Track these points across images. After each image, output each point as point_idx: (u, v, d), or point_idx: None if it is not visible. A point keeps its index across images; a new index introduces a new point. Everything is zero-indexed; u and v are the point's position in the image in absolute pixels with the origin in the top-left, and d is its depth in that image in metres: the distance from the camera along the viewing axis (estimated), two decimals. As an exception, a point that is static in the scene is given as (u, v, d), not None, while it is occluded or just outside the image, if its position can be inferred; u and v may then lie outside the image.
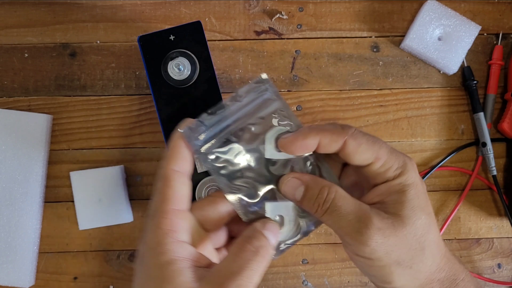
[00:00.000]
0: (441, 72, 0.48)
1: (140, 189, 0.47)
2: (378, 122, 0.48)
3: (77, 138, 0.47)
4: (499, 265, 0.48)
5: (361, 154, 0.31)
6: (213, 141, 0.31)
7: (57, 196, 0.47)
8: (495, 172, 0.47)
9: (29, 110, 0.47)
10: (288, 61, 0.48)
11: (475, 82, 0.47)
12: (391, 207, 0.30)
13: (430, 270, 0.31)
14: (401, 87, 0.48)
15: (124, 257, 0.47)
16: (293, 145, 0.31)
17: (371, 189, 0.32)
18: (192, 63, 0.38)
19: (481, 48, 0.49)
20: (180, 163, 0.30)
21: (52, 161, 0.47)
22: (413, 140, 0.48)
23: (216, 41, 0.48)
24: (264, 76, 0.33)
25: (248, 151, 0.32)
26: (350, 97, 0.48)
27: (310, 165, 0.33)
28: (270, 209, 0.32)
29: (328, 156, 0.33)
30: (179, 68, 0.37)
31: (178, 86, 0.38)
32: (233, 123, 0.32)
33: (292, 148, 0.31)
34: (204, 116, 0.31)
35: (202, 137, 0.31)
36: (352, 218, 0.30)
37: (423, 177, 0.47)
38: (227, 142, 0.32)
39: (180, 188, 0.30)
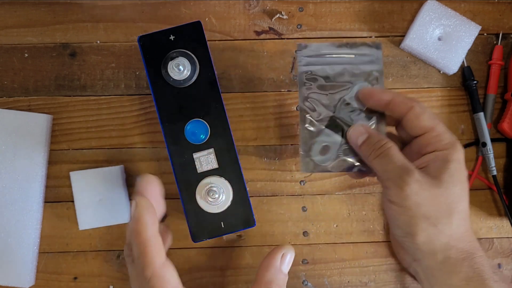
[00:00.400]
0: (441, 72, 0.48)
1: (140, 189, 0.47)
2: (378, 122, 0.48)
3: (77, 138, 0.47)
4: (499, 265, 0.48)
5: (422, 120, 0.35)
6: (313, 62, 0.39)
7: (57, 196, 0.47)
8: (495, 172, 0.47)
9: (29, 110, 0.47)
10: (288, 61, 0.48)
11: (475, 82, 0.47)
12: (434, 171, 0.34)
13: (452, 236, 0.34)
14: (401, 87, 0.48)
15: (124, 257, 0.47)
16: (371, 95, 0.37)
17: (420, 158, 0.36)
18: (192, 63, 0.38)
19: (481, 48, 0.49)
20: (160, 253, 0.33)
21: (52, 161, 0.47)
22: (413, 140, 0.48)
23: (216, 41, 0.48)
24: (379, 44, 0.40)
25: (334, 84, 0.39)
26: (350, 97, 0.48)
27: (372, 125, 0.39)
28: (325, 134, 0.39)
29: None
30: (179, 68, 0.37)
31: (178, 86, 0.38)
32: (338, 59, 0.39)
33: (368, 97, 0.37)
34: (318, 44, 0.39)
35: (310, 53, 0.40)
36: (398, 166, 0.34)
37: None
38: (325, 66, 0.39)
39: (172, 276, 0.33)
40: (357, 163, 0.38)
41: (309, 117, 0.39)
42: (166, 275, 0.32)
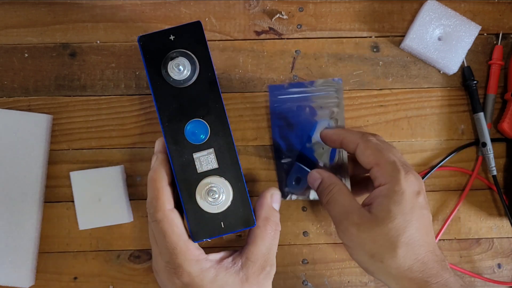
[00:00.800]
0: (441, 72, 0.48)
1: (140, 189, 0.47)
2: (378, 122, 0.48)
3: (77, 138, 0.47)
4: (499, 265, 0.48)
5: (366, 156, 0.38)
6: (283, 102, 0.45)
7: (57, 196, 0.47)
8: (495, 172, 0.47)
9: (29, 110, 0.47)
10: (288, 61, 0.48)
11: (475, 82, 0.47)
12: (374, 208, 0.36)
13: (400, 269, 0.35)
14: (401, 87, 0.48)
15: (124, 257, 0.47)
16: (326, 138, 0.43)
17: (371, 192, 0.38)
18: (192, 63, 0.38)
19: (481, 48, 0.49)
20: (170, 201, 0.37)
21: (52, 161, 0.47)
22: (413, 140, 0.48)
23: (216, 41, 0.48)
24: (339, 80, 0.46)
25: (300, 121, 0.45)
26: (350, 97, 0.48)
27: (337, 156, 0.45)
28: (296, 168, 0.45)
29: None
30: (179, 68, 0.37)
31: (178, 86, 0.38)
32: (303, 98, 0.45)
33: (325, 140, 0.43)
34: (286, 84, 0.46)
35: (281, 95, 0.46)
36: (341, 210, 0.38)
37: (423, 177, 0.47)
38: (292, 106, 0.45)
39: (179, 221, 0.37)
40: None
41: (283, 155, 0.45)
42: (174, 219, 0.36)
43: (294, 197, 0.46)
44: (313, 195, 0.45)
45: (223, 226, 0.38)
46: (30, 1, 0.48)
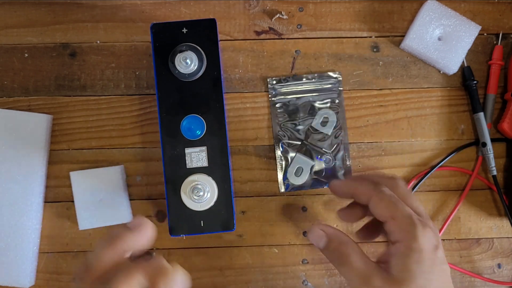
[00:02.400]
0: (441, 72, 0.48)
1: (140, 189, 0.47)
2: (378, 122, 0.48)
3: (77, 138, 0.47)
4: (499, 265, 0.48)
5: (379, 210, 0.35)
6: (284, 94, 0.47)
7: (57, 196, 0.47)
8: (495, 172, 0.47)
9: (29, 110, 0.47)
10: (288, 61, 0.48)
11: (475, 82, 0.47)
12: (394, 268, 0.34)
13: None
14: (401, 87, 0.48)
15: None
16: (337, 190, 0.38)
17: (387, 247, 0.36)
18: (200, 59, 0.38)
19: (481, 48, 0.49)
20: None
21: (52, 161, 0.47)
22: (413, 140, 0.48)
23: (216, 41, 0.48)
24: (337, 73, 0.47)
25: (302, 113, 0.47)
26: (350, 97, 0.48)
27: (337, 149, 0.47)
28: (297, 159, 0.46)
29: None
30: (186, 62, 0.37)
31: (182, 79, 0.38)
32: (304, 89, 0.47)
33: (336, 192, 0.38)
34: (286, 79, 0.47)
35: (280, 86, 0.47)
36: (359, 274, 0.34)
37: (423, 177, 0.47)
38: (293, 97, 0.47)
39: None
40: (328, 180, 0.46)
41: (284, 145, 0.46)
42: None
43: (296, 186, 0.46)
44: (311, 185, 0.47)
45: (202, 225, 0.38)
46: (30, 1, 0.48)
